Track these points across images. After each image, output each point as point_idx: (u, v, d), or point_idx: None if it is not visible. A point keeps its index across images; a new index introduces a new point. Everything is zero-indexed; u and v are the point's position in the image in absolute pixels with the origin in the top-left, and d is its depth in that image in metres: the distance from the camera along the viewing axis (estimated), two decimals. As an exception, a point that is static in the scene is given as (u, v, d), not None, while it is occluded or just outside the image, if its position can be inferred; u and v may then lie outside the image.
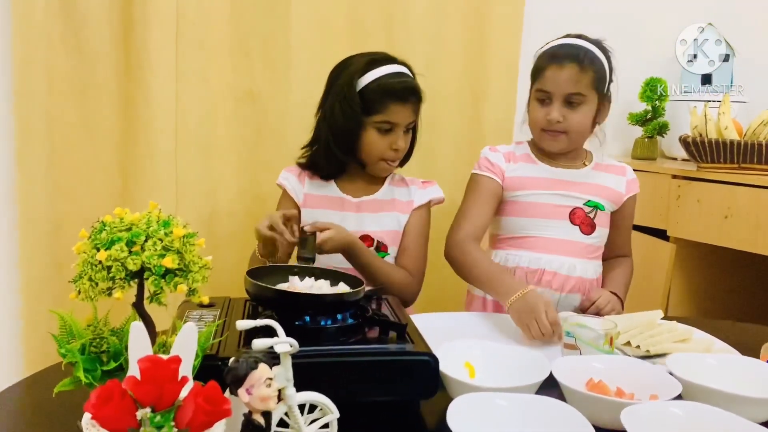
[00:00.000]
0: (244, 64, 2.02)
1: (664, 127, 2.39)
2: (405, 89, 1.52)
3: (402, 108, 1.53)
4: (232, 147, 2.04)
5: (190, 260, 0.83)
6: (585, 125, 1.61)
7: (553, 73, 1.56)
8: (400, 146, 1.56)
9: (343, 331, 1.08)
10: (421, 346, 1.04)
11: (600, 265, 1.70)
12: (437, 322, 1.39)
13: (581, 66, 1.55)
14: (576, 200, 1.63)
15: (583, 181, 1.65)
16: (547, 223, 1.63)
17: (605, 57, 1.61)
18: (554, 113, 1.57)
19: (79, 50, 1.88)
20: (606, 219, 1.67)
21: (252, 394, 0.73)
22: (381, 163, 1.59)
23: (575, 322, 1.19)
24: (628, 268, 1.73)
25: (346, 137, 1.56)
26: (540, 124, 1.61)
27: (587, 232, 1.64)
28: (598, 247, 1.67)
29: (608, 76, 1.62)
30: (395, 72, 1.54)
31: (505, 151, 1.69)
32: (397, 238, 1.62)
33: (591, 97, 1.58)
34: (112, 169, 1.96)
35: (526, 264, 1.63)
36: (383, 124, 1.54)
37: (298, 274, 1.22)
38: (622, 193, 1.68)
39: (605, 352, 1.15)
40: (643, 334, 1.32)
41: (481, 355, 1.14)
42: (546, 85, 1.58)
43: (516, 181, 1.65)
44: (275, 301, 1.08)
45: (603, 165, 1.70)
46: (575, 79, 1.55)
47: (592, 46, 1.59)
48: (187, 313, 1.15)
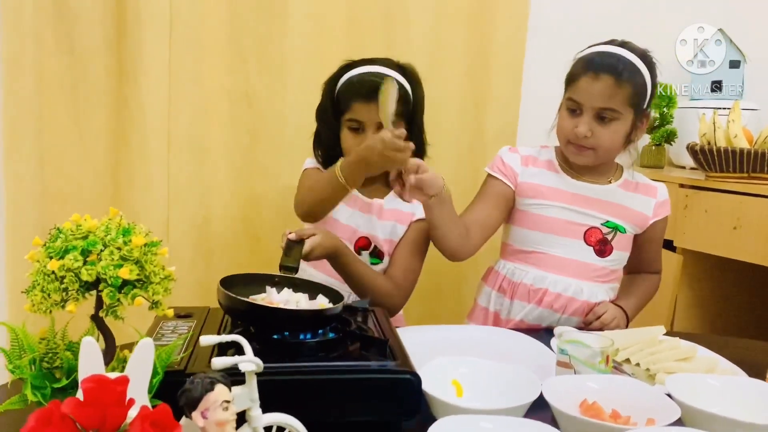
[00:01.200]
0: (239, 65, 1.97)
1: (672, 134, 2.32)
2: (369, 88, 1.46)
3: (366, 106, 1.48)
4: (226, 150, 2.00)
5: (150, 271, 0.78)
6: (615, 143, 1.49)
7: (586, 83, 1.45)
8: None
9: (323, 346, 1.02)
10: (403, 363, 0.98)
11: (614, 288, 1.60)
12: (428, 335, 1.34)
13: (618, 79, 1.43)
14: (594, 219, 1.54)
15: (606, 200, 1.55)
16: (558, 240, 1.53)
17: (649, 71, 1.48)
18: (582, 127, 1.46)
19: (71, 50, 1.85)
20: (627, 242, 1.57)
21: (207, 418, 0.68)
22: None
23: (570, 338, 1.13)
24: (650, 284, 1.65)
25: (327, 137, 1.57)
26: (567, 135, 1.50)
27: (602, 254, 1.54)
28: (612, 270, 1.57)
29: (649, 92, 1.50)
30: (365, 72, 1.52)
31: (524, 154, 1.60)
32: (390, 247, 1.57)
33: (626, 113, 1.46)
34: (103, 172, 1.92)
35: (530, 281, 1.54)
36: (351, 122, 1.52)
37: (278, 284, 1.17)
38: (648, 216, 1.57)
39: (601, 371, 1.08)
40: (643, 352, 1.26)
41: (469, 373, 1.08)
42: (578, 95, 1.47)
43: (530, 188, 1.56)
44: (248, 314, 1.03)
45: (632, 183, 1.58)
46: (610, 93, 1.43)
47: (635, 58, 1.46)
48: (161, 325, 1.10)
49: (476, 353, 1.24)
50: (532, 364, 1.20)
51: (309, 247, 1.35)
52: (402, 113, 1.49)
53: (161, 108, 1.89)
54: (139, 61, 1.86)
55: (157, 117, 1.89)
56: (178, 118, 1.92)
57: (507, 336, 1.38)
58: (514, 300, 1.56)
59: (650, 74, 1.49)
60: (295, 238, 1.36)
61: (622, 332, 1.34)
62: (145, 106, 1.88)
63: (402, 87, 1.50)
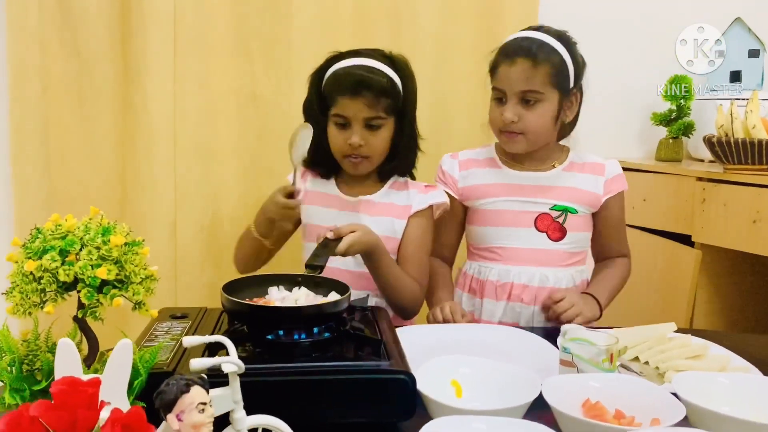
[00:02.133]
0: (245, 66, 1.96)
1: (690, 127, 2.26)
2: (354, 82, 1.43)
3: (351, 101, 1.45)
4: (233, 151, 1.99)
5: (131, 271, 0.76)
6: (544, 125, 1.50)
7: (505, 69, 1.47)
8: (354, 141, 1.46)
9: (318, 346, 1.01)
10: (398, 363, 0.96)
11: (581, 271, 1.60)
12: (430, 334, 1.32)
13: (534, 61, 1.44)
14: (541, 205, 1.54)
15: (550, 185, 1.55)
16: (511, 232, 1.55)
17: (567, 49, 1.49)
18: (508, 113, 1.47)
19: (77, 53, 1.86)
20: (582, 222, 1.57)
21: (182, 420, 0.66)
22: (345, 161, 1.51)
23: (575, 336, 1.10)
24: (620, 268, 1.63)
25: (314, 133, 1.49)
26: (497, 125, 1.52)
27: (556, 238, 1.54)
28: (573, 253, 1.57)
29: (571, 71, 1.50)
30: (352, 65, 1.47)
31: (464, 158, 1.63)
32: (389, 243, 1.51)
33: (549, 94, 1.47)
34: (110, 174, 1.92)
35: (495, 277, 1.56)
36: (337, 118, 1.48)
37: (299, 283, 1.15)
38: (599, 195, 1.57)
39: (605, 371, 1.05)
40: (652, 350, 1.22)
41: (469, 373, 1.05)
42: (499, 82, 1.49)
43: (473, 190, 1.59)
44: (240, 314, 1.01)
45: (578, 164, 1.59)
46: (527, 75, 1.45)
47: (549, 38, 1.47)
48: (155, 326, 1.09)
49: (481, 352, 1.21)
50: (537, 364, 1.17)
51: (347, 244, 1.34)
52: (391, 108, 1.47)
53: (167, 110, 1.89)
54: (143, 63, 1.85)
55: (163, 119, 1.89)
56: (183, 120, 1.91)
57: (512, 335, 1.35)
58: (484, 298, 1.56)
59: (569, 52, 1.49)
60: (333, 237, 1.34)
61: (631, 330, 1.30)
62: (151, 108, 1.87)
63: (391, 81, 1.47)
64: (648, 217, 2.15)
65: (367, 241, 1.39)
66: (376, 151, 1.50)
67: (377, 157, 1.51)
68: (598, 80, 2.21)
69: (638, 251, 2.17)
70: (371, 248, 1.41)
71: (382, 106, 1.45)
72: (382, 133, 1.48)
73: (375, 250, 1.42)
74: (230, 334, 1.04)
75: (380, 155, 1.51)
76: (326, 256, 1.27)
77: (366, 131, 1.46)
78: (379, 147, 1.49)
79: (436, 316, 1.45)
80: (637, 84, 2.30)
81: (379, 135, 1.48)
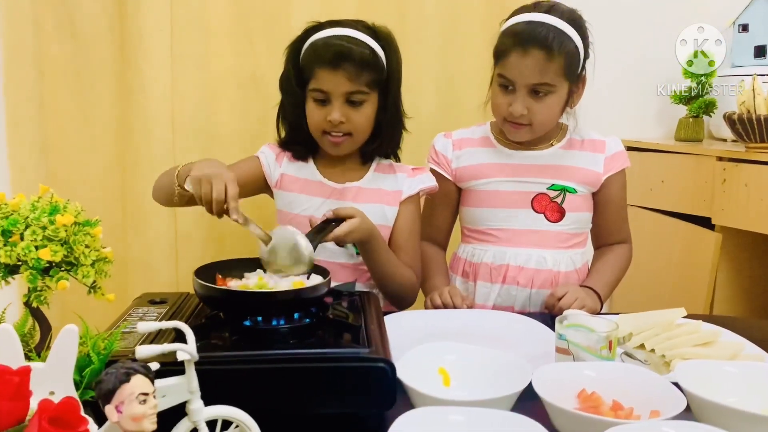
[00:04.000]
0: (245, 46, 1.91)
1: (711, 105, 2.16)
2: (334, 53, 1.32)
3: (331, 74, 1.33)
4: (235, 135, 1.94)
5: (80, 252, 0.71)
6: (552, 116, 1.44)
7: (516, 59, 1.36)
8: (334, 118, 1.35)
9: (296, 333, 0.96)
10: (378, 350, 0.90)
11: (581, 254, 1.53)
12: (421, 320, 1.26)
13: (549, 52, 1.34)
14: (538, 185, 1.47)
15: (548, 164, 1.48)
16: (508, 213, 1.48)
17: (579, 34, 1.39)
18: (517, 105, 1.38)
19: (73, 36, 1.82)
20: (582, 202, 1.50)
21: (122, 412, 0.61)
22: (324, 138, 1.40)
23: (573, 323, 1.03)
24: (620, 257, 1.55)
25: (290, 109, 1.44)
26: (502, 113, 1.43)
27: (554, 219, 1.47)
28: (572, 234, 1.50)
29: (582, 56, 1.40)
30: (332, 35, 1.36)
31: (457, 138, 1.55)
32: (382, 232, 1.41)
33: (561, 85, 1.39)
34: (109, 159, 1.89)
35: (490, 260, 1.49)
36: (316, 93, 1.37)
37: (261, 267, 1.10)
38: (599, 173, 1.49)
39: (604, 359, 0.98)
40: (659, 336, 1.14)
41: (457, 360, 1.00)
42: (509, 71, 1.38)
43: (468, 171, 1.51)
44: (215, 300, 0.96)
45: (577, 142, 1.51)
46: (542, 68, 1.35)
47: (564, 24, 1.36)
48: (130, 311, 1.05)
49: (475, 339, 1.16)
50: (535, 351, 1.11)
51: (347, 229, 1.26)
52: (374, 82, 1.37)
53: (164, 93, 1.84)
54: (139, 44, 1.81)
55: (161, 102, 1.84)
56: (182, 104, 1.87)
57: (510, 320, 1.29)
58: (478, 282, 1.49)
59: (581, 37, 1.39)
60: (332, 217, 1.28)
61: (637, 315, 1.23)
62: (148, 91, 1.83)
63: (373, 53, 1.36)
64: (666, 199, 2.07)
65: (366, 228, 1.31)
66: (359, 129, 1.39)
67: (360, 135, 1.40)
68: (615, 56, 2.17)
69: (656, 234, 2.10)
70: (369, 236, 1.33)
71: (364, 80, 1.35)
72: (365, 109, 1.38)
73: (372, 238, 1.34)
74: (208, 320, 1.01)
75: (363, 133, 1.41)
76: (318, 241, 1.20)
77: (347, 107, 1.36)
78: (361, 124, 1.38)
79: (435, 300, 1.38)
80: (656, 60, 2.20)
81: (362, 111, 1.37)
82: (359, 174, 1.46)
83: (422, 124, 1.68)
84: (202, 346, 0.90)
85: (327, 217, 1.27)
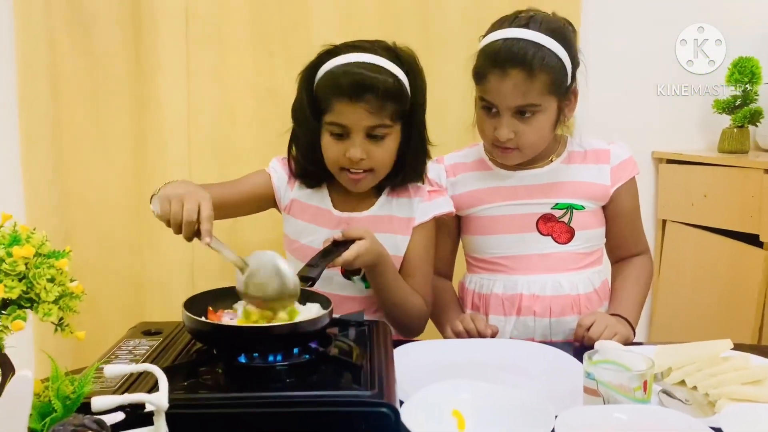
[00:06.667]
0: (264, 60, 1.86)
1: (757, 114, 2.03)
2: (354, 83, 1.19)
3: (351, 107, 1.21)
4: (252, 150, 1.88)
5: (41, 288, 0.64)
6: (543, 137, 1.31)
7: (495, 82, 1.24)
8: (354, 155, 1.23)
9: (293, 371, 0.87)
10: (381, 392, 0.81)
11: (598, 272, 1.41)
12: (435, 351, 1.16)
13: (529, 71, 1.21)
14: (541, 206, 1.36)
15: (549, 181, 1.36)
16: (513, 239, 1.36)
17: (563, 45, 1.25)
18: (503, 130, 1.27)
19: (89, 51, 1.80)
20: (592, 218, 1.38)
21: (70, 475, 0.53)
22: (343, 175, 1.28)
23: (603, 359, 0.92)
24: (641, 272, 1.43)
25: (304, 141, 1.32)
26: (489, 138, 1.32)
27: (563, 240, 1.36)
28: (585, 254, 1.38)
29: (569, 70, 1.27)
30: (350, 62, 1.22)
31: (450, 163, 1.43)
32: (396, 263, 1.33)
33: (548, 103, 1.26)
34: (125, 176, 1.86)
35: (500, 290, 1.37)
36: (333, 126, 1.24)
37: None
38: (606, 186, 1.37)
39: (638, 401, 0.87)
40: (702, 372, 1.03)
41: (471, 400, 0.90)
42: (489, 95, 1.27)
43: (464, 198, 1.39)
44: (205, 335, 0.89)
45: (579, 154, 1.39)
46: (524, 90, 1.23)
47: (543, 38, 1.23)
48: (122, 342, 0.98)
49: (496, 373, 1.08)
50: (562, 388, 1.00)
51: (355, 252, 1.17)
52: (397, 114, 1.25)
53: (180, 108, 1.81)
54: (156, 59, 1.78)
55: (177, 118, 1.81)
56: (198, 119, 1.83)
57: (534, 351, 1.18)
58: (490, 315, 1.37)
59: (566, 50, 1.26)
60: (341, 239, 1.19)
61: (676, 347, 1.11)
62: (164, 106, 1.80)
63: (397, 81, 1.23)
64: (710, 214, 1.95)
65: (375, 251, 1.22)
66: (380, 165, 1.27)
67: (382, 170, 1.29)
68: (652, 65, 2.06)
69: (698, 253, 1.98)
70: (379, 260, 1.24)
71: (387, 113, 1.22)
72: (387, 143, 1.26)
73: (382, 262, 1.25)
74: (200, 355, 0.93)
75: (385, 168, 1.29)
76: (322, 267, 1.11)
77: (368, 142, 1.24)
78: (383, 159, 1.27)
79: (456, 328, 1.27)
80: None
81: (384, 146, 1.25)
82: (371, 201, 1.36)
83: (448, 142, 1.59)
84: (190, 385, 0.84)
85: (335, 239, 1.19)
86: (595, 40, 1.54)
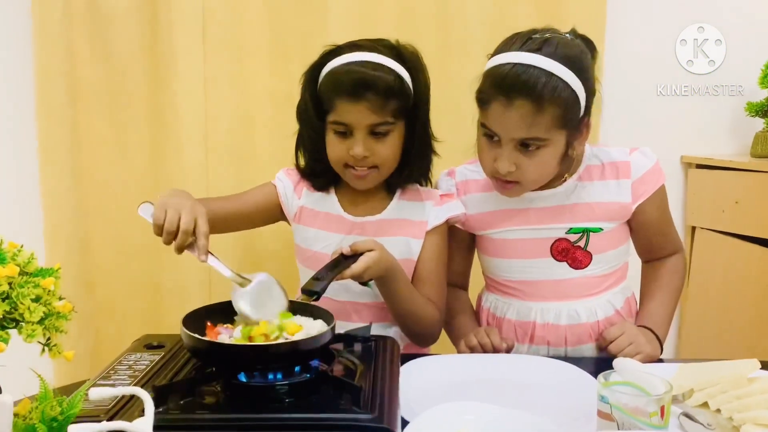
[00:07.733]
0: (282, 65, 1.84)
1: (793, 117, 1.95)
2: (355, 82, 1.19)
3: (352, 106, 1.20)
4: (271, 156, 1.86)
5: (24, 308, 0.62)
6: (546, 172, 1.21)
7: (499, 110, 1.14)
8: (357, 153, 1.21)
9: (292, 391, 0.84)
10: (382, 416, 0.78)
11: (621, 291, 1.33)
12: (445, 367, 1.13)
13: (538, 103, 1.10)
14: (555, 231, 1.27)
15: (562, 204, 1.27)
16: (526, 264, 1.29)
17: (579, 76, 1.13)
18: (503, 162, 1.17)
19: (106, 58, 1.81)
20: (612, 238, 1.29)
21: None
22: (347, 172, 1.27)
23: (619, 380, 0.88)
24: (673, 278, 1.35)
25: (309, 141, 1.32)
26: (488, 169, 1.22)
27: (579, 266, 1.27)
28: (604, 277, 1.30)
29: (583, 102, 1.15)
30: (352, 61, 1.21)
31: (460, 179, 1.36)
32: (405, 266, 1.29)
33: (555, 137, 1.15)
34: (143, 183, 1.85)
35: (514, 316, 1.31)
36: (336, 125, 1.24)
37: (293, 311, 1.00)
38: (626, 203, 1.27)
39: (654, 427, 0.83)
40: (726, 394, 0.97)
41: (476, 422, 0.86)
42: (491, 123, 1.17)
43: (475, 220, 1.33)
44: (203, 353, 0.86)
45: (597, 168, 1.28)
46: (529, 122, 1.12)
47: (557, 66, 1.11)
48: (124, 357, 0.96)
49: (507, 391, 1.05)
50: (576, 409, 0.96)
51: (364, 265, 1.15)
52: (400, 111, 1.23)
53: (198, 114, 1.81)
54: (173, 65, 1.78)
55: (194, 124, 1.81)
56: (215, 125, 1.82)
57: (550, 368, 1.13)
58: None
59: (581, 80, 1.14)
60: (349, 253, 1.16)
61: (700, 366, 1.06)
62: (182, 113, 1.80)
63: (398, 79, 1.22)
64: (741, 222, 1.88)
65: (385, 262, 1.19)
66: (385, 161, 1.26)
67: (386, 167, 1.27)
68: (681, 66, 2.00)
69: (729, 261, 1.90)
70: (389, 271, 1.21)
71: (389, 110, 1.21)
72: (390, 140, 1.24)
73: (392, 273, 1.22)
74: (200, 372, 0.91)
75: (389, 165, 1.27)
76: (329, 280, 1.09)
77: (371, 139, 1.23)
78: (387, 156, 1.25)
79: (470, 341, 1.23)
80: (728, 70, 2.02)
81: (387, 142, 1.24)
82: (383, 204, 1.34)
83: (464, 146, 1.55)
84: (186, 404, 0.81)
85: (343, 252, 1.16)
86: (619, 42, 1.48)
